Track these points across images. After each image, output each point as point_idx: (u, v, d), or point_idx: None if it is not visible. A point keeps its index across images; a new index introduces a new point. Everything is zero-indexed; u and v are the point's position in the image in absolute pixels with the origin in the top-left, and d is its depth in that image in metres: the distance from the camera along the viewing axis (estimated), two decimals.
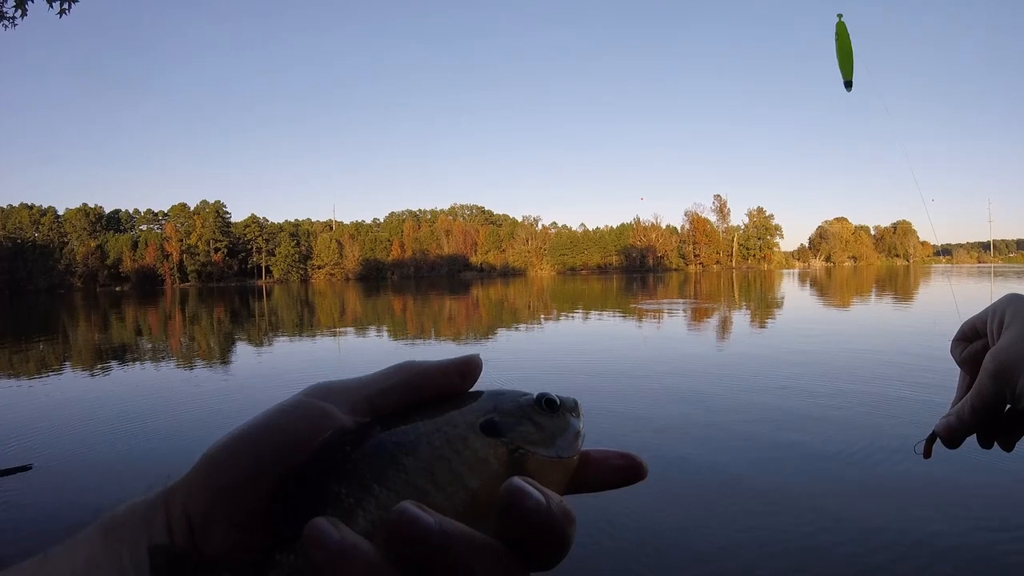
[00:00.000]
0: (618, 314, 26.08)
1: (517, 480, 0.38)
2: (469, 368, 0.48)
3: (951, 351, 1.00)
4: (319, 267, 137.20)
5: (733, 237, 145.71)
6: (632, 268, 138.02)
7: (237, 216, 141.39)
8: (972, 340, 0.98)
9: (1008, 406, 0.89)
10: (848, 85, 3.14)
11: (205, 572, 0.39)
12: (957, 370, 0.99)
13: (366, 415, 0.45)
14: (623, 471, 0.45)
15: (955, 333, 1.01)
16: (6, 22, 9.64)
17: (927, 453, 0.98)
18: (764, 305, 29.85)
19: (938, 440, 0.96)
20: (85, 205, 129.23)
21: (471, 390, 0.48)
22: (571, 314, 27.26)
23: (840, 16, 3.01)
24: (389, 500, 0.39)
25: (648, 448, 6.66)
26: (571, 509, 0.39)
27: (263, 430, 0.44)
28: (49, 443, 7.91)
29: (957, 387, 0.99)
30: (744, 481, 5.82)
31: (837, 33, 3.02)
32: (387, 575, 0.36)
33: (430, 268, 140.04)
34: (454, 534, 0.36)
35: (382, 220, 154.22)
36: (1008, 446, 0.93)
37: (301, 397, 0.46)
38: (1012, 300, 0.92)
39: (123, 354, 18.01)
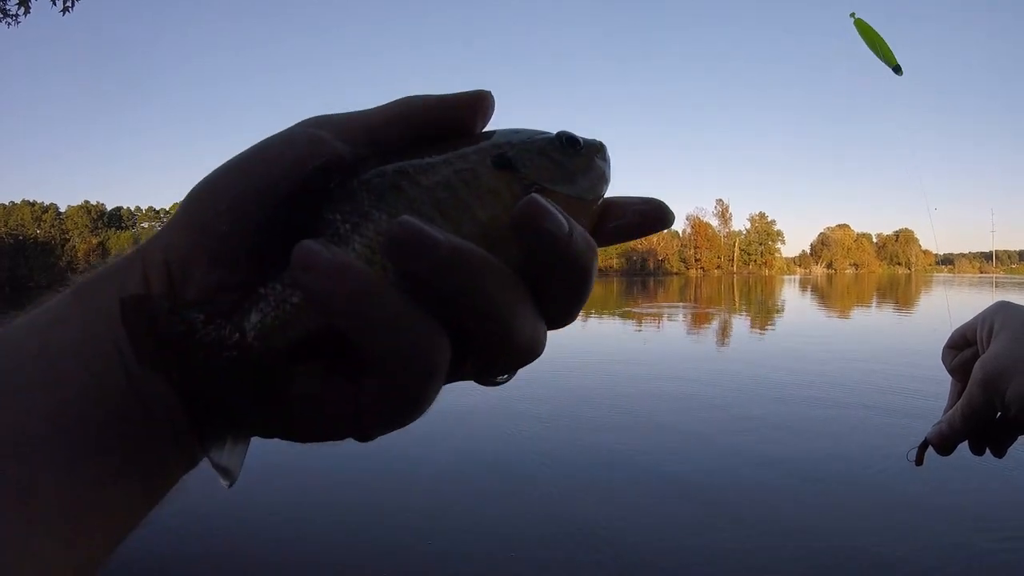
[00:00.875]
0: (616, 317, 26.04)
1: (537, 197, 0.34)
2: (480, 103, 0.42)
3: (942, 359, 1.01)
4: None
5: (735, 242, 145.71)
6: (633, 271, 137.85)
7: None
8: (962, 348, 0.98)
9: (999, 413, 0.89)
10: (897, 69, 3.14)
11: (181, 315, 0.35)
12: (948, 378, 1.00)
13: (365, 148, 0.41)
14: (646, 215, 0.42)
15: (946, 341, 1.01)
16: (9, 19, 9.68)
17: (919, 460, 0.98)
18: (763, 312, 29.84)
19: (930, 448, 0.96)
20: (87, 202, 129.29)
21: (480, 132, 0.43)
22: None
23: (853, 14, 3.01)
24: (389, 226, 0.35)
25: (637, 452, 6.67)
26: (593, 242, 0.36)
27: (249, 160, 0.40)
28: None
29: (949, 395, 0.99)
30: (733, 489, 5.83)
31: (859, 30, 3.02)
32: (385, 298, 0.33)
33: None
34: (463, 248, 0.33)
35: None
36: (999, 452, 0.94)
37: (292, 127, 0.42)
38: (1001, 308, 0.92)
39: None
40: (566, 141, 0.42)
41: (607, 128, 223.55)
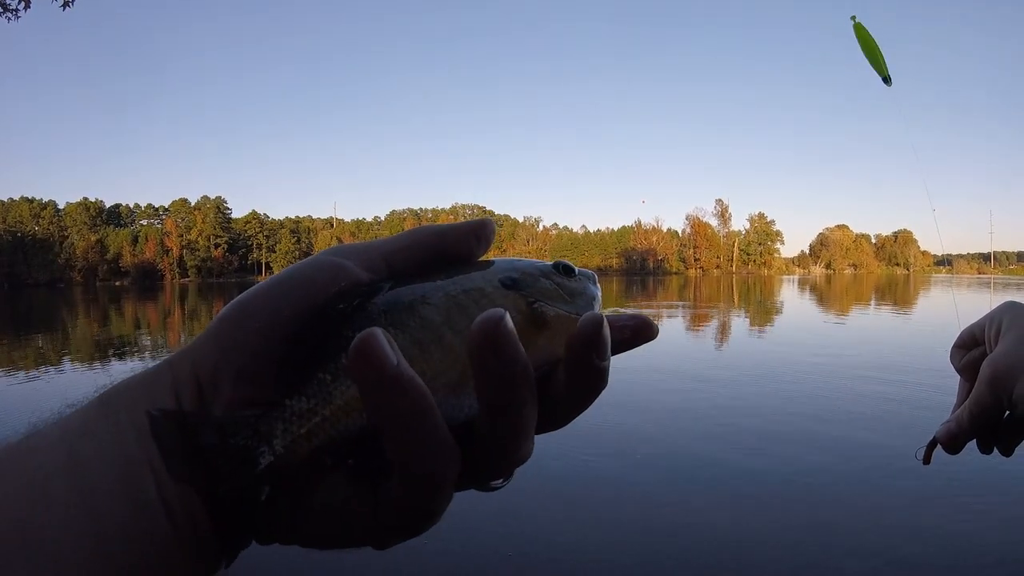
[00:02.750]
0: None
1: (501, 313, 0.36)
2: (483, 231, 0.47)
3: (950, 358, 1.01)
4: None
5: (734, 242, 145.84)
6: (632, 271, 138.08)
7: (238, 212, 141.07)
8: (971, 347, 0.99)
9: (1007, 412, 0.89)
10: (887, 80, 3.11)
11: (211, 428, 0.38)
12: (957, 378, 1.00)
13: (382, 274, 0.45)
14: (634, 330, 0.45)
15: (954, 340, 1.01)
16: (9, 14, 9.66)
17: (927, 459, 0.99)
18: (763, 311, 29.83)
19: (939, 446, 0.96)
20: (85, 199, 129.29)
21: (483, 260, 0.47)
22: None
23: (854, 17, 2.98)
24: (404, 341, 0.38)
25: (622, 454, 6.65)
26: (532, 372, 0.38)
27: (277, 285, 0.43)
28: None
29: (957, 394, 1.00)
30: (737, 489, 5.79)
31: (857, 35, 2.99)
32: (433, 414, 0.36)
33: None
34: (525, 358, 0.37)
35: (383, 218, 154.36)
36: (1007, 451, 0.94)
37: (317, 256, 0.45)
38: (1009, 308, 0.93)
39: (121, 348, 17.96)
40: (563, 268, 0.46)
41: (608, 126, 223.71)
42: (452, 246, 0.46)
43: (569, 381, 0.40)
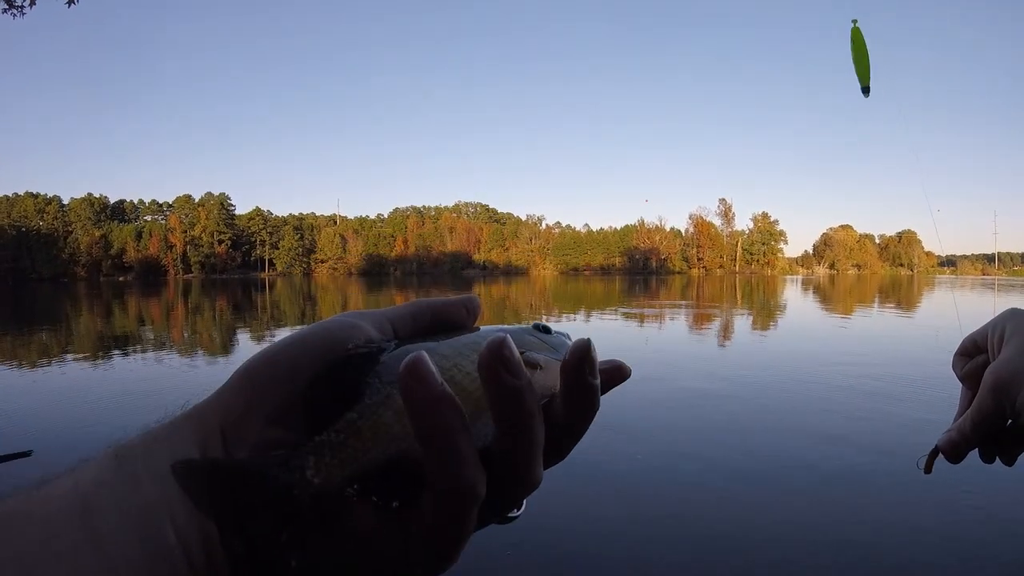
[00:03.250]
0: (619, 316, 26.02)
1: (501, 344, 0.40)
2: (471, 304, 0.53)
3: (952, 366, 1.00)
4: (322, 261, 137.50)
5: (737, 242, 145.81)
6: (635, 270, 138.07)
7: (241, 208, 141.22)
8: (974, 355, 0.98)
9: (1010, 421, 0.89)
10: (866, 91, 3.11)
11: (238, 467, 0.39)
12: (959, 386, 1.00)
13: (389, 335, 0.49)
14: (609, 372, 0.49)
15: (957, 347, 1.01)
16: (15, 11, 9.68)
17: (928, 468, 0.98)
18: (766, 312, 29.80)
19: (940, 455, 0.95)
20: (90, 195, 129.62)
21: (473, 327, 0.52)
22: (572, 315, 27.18)
23: (855, 21, 3.00)
24: None
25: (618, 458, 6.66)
26: (537, 395, 0.42)
27: (300, 339, 0.46)
28: (49, 429, 7.92)
29: (959, 402, 0.99)
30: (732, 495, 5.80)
31: (852, 39, 3.00)
32: (467, 435, 0.39)
33: (433, 265, 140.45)
34: (529, 381, 0.41)
35: (386, 216, 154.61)
36: (1009, 461, 0.93)
37: (341, 316, 0.49)
38: (1012, 315, 0.93)
39: (125, 343, 17.99)
40: (542, 328, 0.51)
41: (612, 125, 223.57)
42: (446, 316, 0.52)
43: (566, 403, 0.44)
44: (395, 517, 0.41)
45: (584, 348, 0.43)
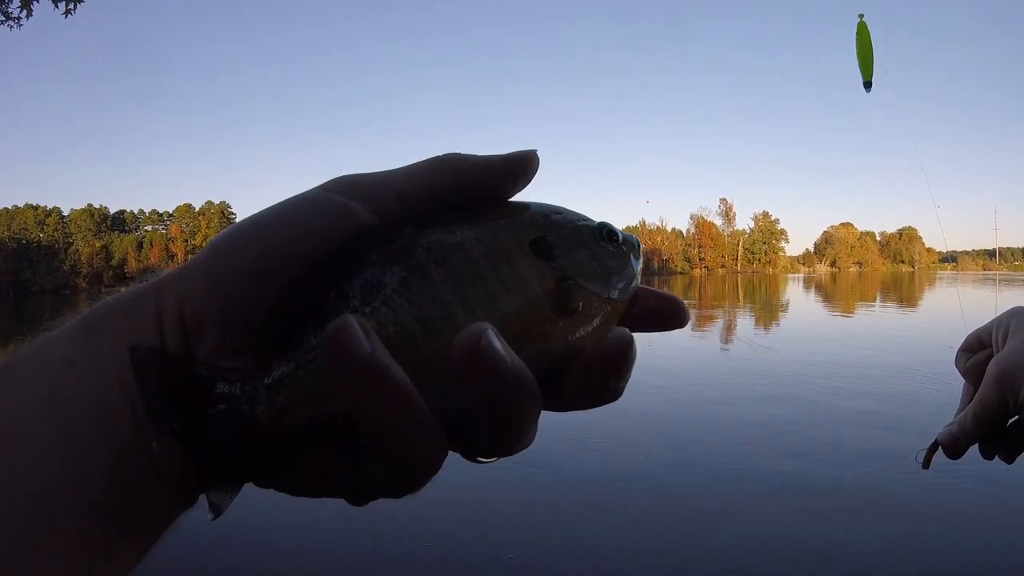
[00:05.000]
0: None
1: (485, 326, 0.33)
2: (524, 167, 0.42)
3: (955, 362, 1.00)
4: None
5: (738, 241, 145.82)
6: None
7: (242, 216, 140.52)
8: (977, 351, 0.98)
9: (1013, 418, 0.89)
10: (867, 86, 3.10)
11: (193, 378, 0.36)
12: (960, 383, 0.99)
13: (395, 215, 0.40)
14: (663, 313, 0.43)
15: (960, 344, 1.00)
16: (11, 23, 9.67)
17: (927, 463, 0.97)
18: (769, 311, 29.77)
19: (940, 450, 0.95)
20: (90, 205, 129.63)
21: (519, 201, 0.43)
22: None
23: (861, 16, 2.98)
24: (409, 316, 0.35)
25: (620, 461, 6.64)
26: (534, 385, 0.35)
27: (274, 222, 0.39)
28: None
29: (961, 398, 0.98)
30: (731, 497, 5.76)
31: (858, 33, 2.99)
32: (416, 407, 0.34)
33: None
34: (521, 375, 0.34)
35: None
36: (1009, 458, 0.93)
37: (320, 192, 0.41)
38: (1017, 312, 0.93)
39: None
40: (607, 235, 0.41)
41: (611, 126, 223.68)
42: (483, 187, 0.41)
43: (580, 389, 0.38)
44: (350, 457, 0.37)
45: (619, 349, 0.37)
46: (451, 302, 0.36)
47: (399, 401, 0.33)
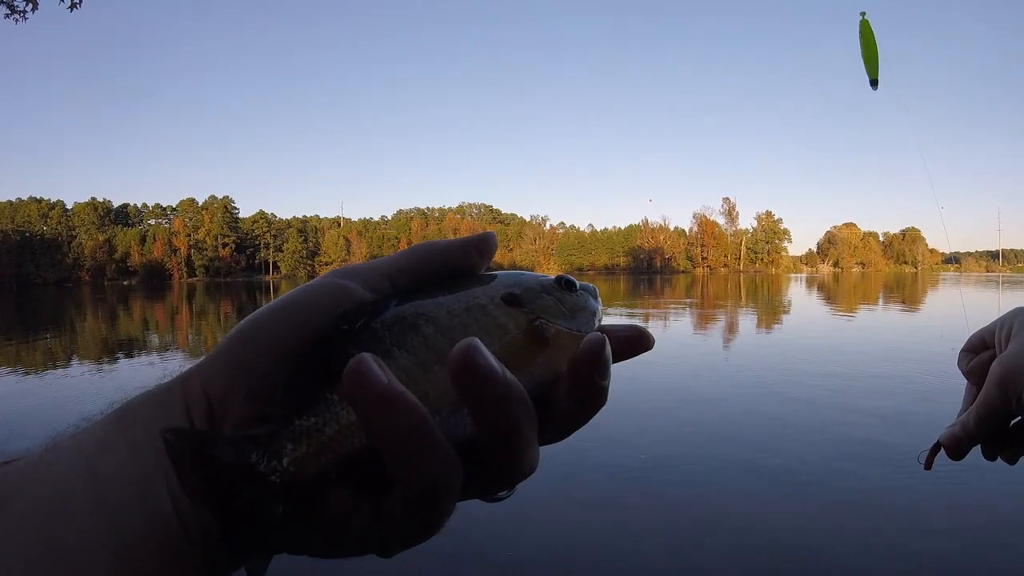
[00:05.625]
0: (623, 315, 25.98)
1: (475, 340, 0.37)
2: (484, 245, 0.48)
3: (958, 362, 1.00)
4: (326, 264, 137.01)
5: (741, 240, 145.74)
6: (639, 270, 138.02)
7: (245, 211, 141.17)
8: (980, 351, 0.98)
9: (1015, 419, 0.89)
10: (874, 84, 3.09)
11: (223, 446, 0.39)
12: (963, 384, 0.99)
13: (385, 292, 0.45)
14: (631, 341, 0.46)
15: (963, 344, 1.00)
16: (17, 16, 9.69)
17: (928, 464, 0.97)
18: (771, 311, 29.76)
19: (942, 451, 0.94)
20: (94, 199, 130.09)
21: (486, 272, 0.48)
22: None
23: (863, 14, 2.98)
24: (408, 362, 0.40)
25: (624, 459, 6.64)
26: (525, 395, 0.39)
27: (284, 307, 0.44)
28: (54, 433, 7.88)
29: (963, 399, 0.98)
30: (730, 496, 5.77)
31: (861, 31, 2.98)
32: (430, 431, 0.37)
33: None
34: (512, 383, 0.38)
35: (390, 217, 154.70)
36: (1011, 459, 0.93)
37: (322, 278, 0.46)
38: (1020, 312, 0.92)
39: (129, 348, 17.98)
40: (565, 284, 0.47)
41: (615, 125, 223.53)
42: (453, 262, 0.47)
43: (570, 399, 0.42)
44: (372, 501, 0.41)
45: (596, 348, 0.41)
46: (442, 346, 0.40)
47: (414, 421, 0.36)
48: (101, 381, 12.01)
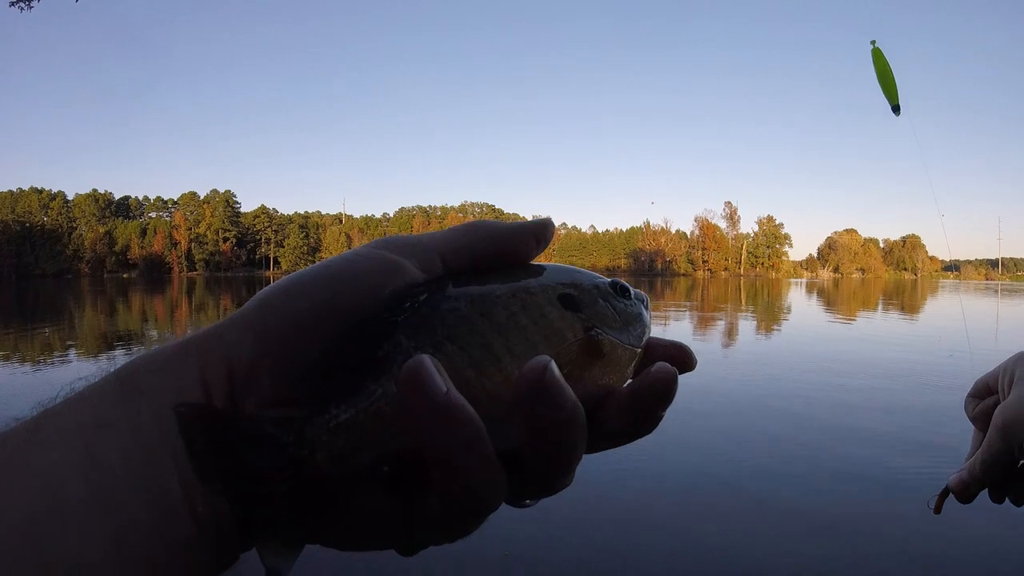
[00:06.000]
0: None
1: (544, 371, 0.35)
2: (544, 234, 0.46)
3: (964, 408, 1.01)
4: None
5: (742, 244, 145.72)
6: (640, 272, 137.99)
7: (247, 206, 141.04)
8: (984, 397, 0.99)
9: (1021, 462, 0.90)
10: (896, 109, 3.06)
11: (244, 432, 0.36)
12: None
13: (438, 272, 0.43)
14: (675, 359, 0.44)
15: (968, 389, 1.02)
16: (22, 4, 9.68)
17: (938, 508, 0.98)
18: (771, 315, 29.75)
19: (951, 495, 0.96)
20: (95, 190, 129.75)
21: (539, 263, 0.46)
22: None
23: (873, 42, 2.95)
24: (461, 361, 0.37)
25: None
26: (584, 419, 0.37)
27: (326, 275, 0.40)
28: None
29: (971, 443, 0.99)
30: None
31: (874, 60, 2.96)
32: (484, 446, 0.35)
33: None
34: (579, 409, 0.36)
35: (392, 215, 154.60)
36: (1019, 501, 0.94)
37: (369, 248, 0.43)
38: (1021, 359, 0.94)
39: (128, 341, 17.91)
40: (620, 290, 0.45)
41: (619, 126, 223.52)
42: (511, 248, 0.45)
43: (623, 421, 0.41)
44: (405, 501, 0.38)
45: (668, 382, 0.40)
46: (498, 348, 0.38)
47: (469, 435, 0.34)
48: (95, 371, 11.97)
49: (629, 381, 0.42)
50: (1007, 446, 0.88)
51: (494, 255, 0.44)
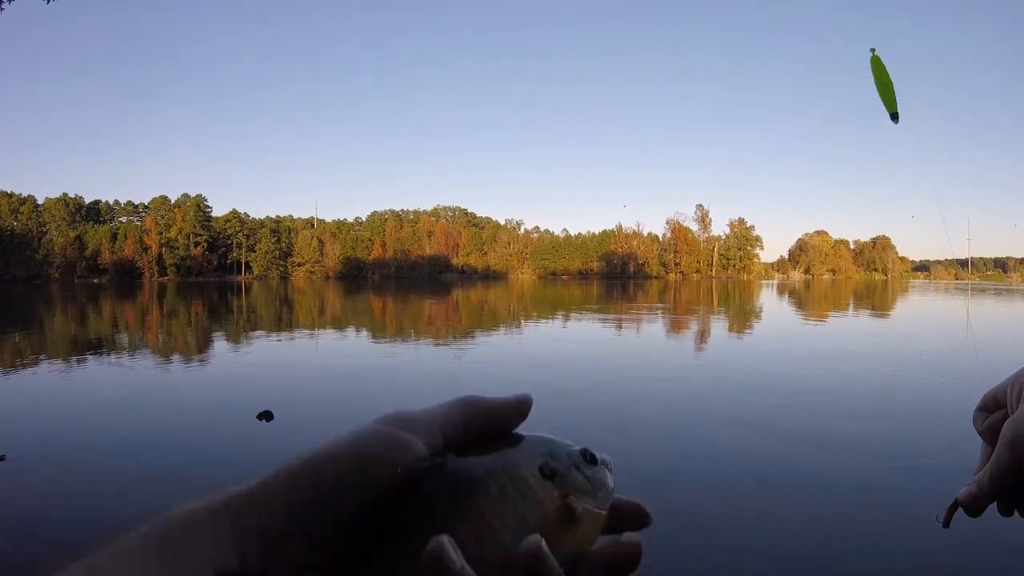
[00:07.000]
0: (595, 318, 26.12)
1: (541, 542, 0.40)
2: (524, 408, 0.51)
3: (973, 421, 1.01)
4: (299, 264, 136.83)
5: (714, 247, 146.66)
6: (613, 275, 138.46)
7: (218, 210, 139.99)
8: (993, 410, 0.99)
9: None
10: (894, 117, 3.10)
11: None
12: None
13: (438, 446, 0.47)
14: (635, 516, 0.48)
15: (977, 403, 1.01)
16: None
17: (947, 522, 0.96)
18: (741, 316, 29.97)
19: (960, 509, 0.95)
20: (65, 195, 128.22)
21: (523, 432, 0.51)
22: (550, 318, 27.25)
23: (873, 50, 3.00)
24: (465, 535, 0.41)
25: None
26: None
27: (345, 451, 0.44)
28: (22, 433, 7.90)
29: (980, 456, 0.99)
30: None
31: (872, 68, 3.00)
32: None
33: (411, 268, 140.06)
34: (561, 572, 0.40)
35: (364, 219, 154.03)
36: None
37: (380, 425, 0.46)
38: None
39: (98, 347, 17.89)
40: (589, 457, 0.48)
41: (590, 130, 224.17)
42: (498, 419, 0.49)
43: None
44: None
45: (633, 556, 0.43)
46: (493, 517, 0.42)
47: None
48: (69, 380, 11.91)
49: (599, 540, 0.46)
50: (1016, 460, 0.87)
51: (486, 428, 0.49)
